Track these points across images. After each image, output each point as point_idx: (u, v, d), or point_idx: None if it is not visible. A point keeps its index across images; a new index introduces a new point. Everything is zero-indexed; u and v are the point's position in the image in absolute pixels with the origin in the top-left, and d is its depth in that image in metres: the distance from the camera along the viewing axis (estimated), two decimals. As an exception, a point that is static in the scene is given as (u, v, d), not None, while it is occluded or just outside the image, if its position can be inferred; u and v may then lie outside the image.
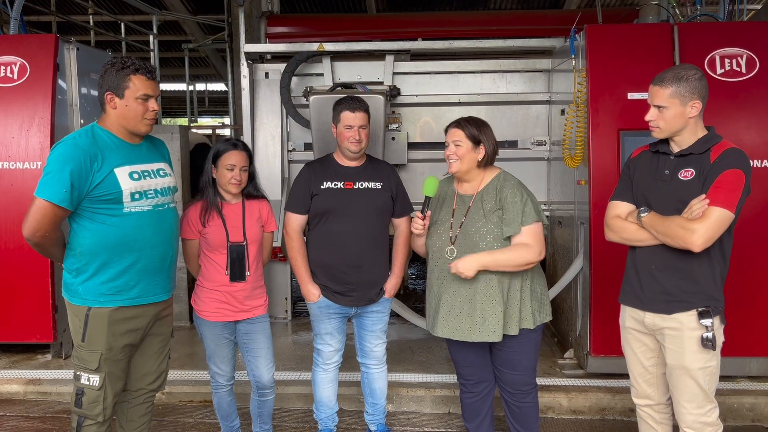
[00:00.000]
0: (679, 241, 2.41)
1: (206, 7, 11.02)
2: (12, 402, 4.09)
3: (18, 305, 4.36)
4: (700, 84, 2.47)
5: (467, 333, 2.78)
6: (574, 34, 4.20)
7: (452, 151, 2.84)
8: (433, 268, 2.90)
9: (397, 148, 5.18)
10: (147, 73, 2.55)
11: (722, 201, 2.37)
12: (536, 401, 2.99)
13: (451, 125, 2.90)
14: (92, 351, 2.56)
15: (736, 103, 3.90)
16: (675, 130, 2.52)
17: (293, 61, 5.08)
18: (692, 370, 2.50)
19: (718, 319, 2.51)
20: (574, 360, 4.39)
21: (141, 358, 2.77)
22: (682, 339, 2.50)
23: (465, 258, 2.72)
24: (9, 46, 4.38)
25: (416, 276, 7.87)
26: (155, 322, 2.75)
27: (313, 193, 3.18)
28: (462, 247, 2.79)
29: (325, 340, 3.29)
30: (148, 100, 2.56)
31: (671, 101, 2.48)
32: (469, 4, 10.27)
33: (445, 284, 2.82)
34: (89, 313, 2.55)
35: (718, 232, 2.39)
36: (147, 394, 2.84)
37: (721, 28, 4.10)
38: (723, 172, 2.40)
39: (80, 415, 2.61)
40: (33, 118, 4.32)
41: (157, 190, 2.65)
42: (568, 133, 4.24)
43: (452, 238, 2.82)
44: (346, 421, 3.78)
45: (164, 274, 2.72)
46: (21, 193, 4.28)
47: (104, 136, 2.57)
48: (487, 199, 2.82)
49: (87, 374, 2.58)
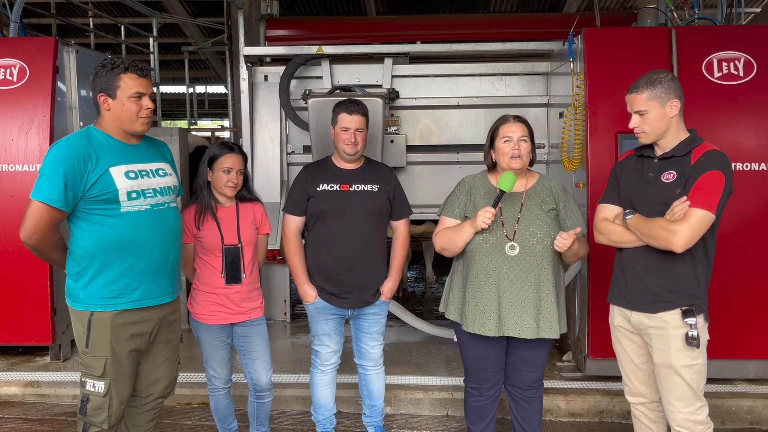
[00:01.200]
0: (662, 242, 2.47)
1: (206, 9, 11.05)
2: (10, 404, 4.09)
3: (17, 308, 4.36)
4: (673, 84, 2.55)
5: (534, 330, 2.76)
6: (572, 38, 4.21)
7: (519, 147, 2.78)
8: (487, 269, 2.79)
9: (395, 151, 5.18)
10: (137, 71, 2.53)
11: (703, 202, 2.42)
12: (541, 394, 3.04)
13: (511, 120, 2.85)
14: (96, 357, 2.53)
15: (733, 106, 3.91)
16: (660, 132, 2.58)
17: (292, 64, 5.10)
18: (678, 368, 2.54)
19: (702, 318, 2.56)
20: (573, 362, 4.40)
21: (151, 365, 2.75)
22: (668, 338, 2.56)
23: (564, 234, 2.69)
24: (8, 48, 4.39)
25: (416, 279, 7.87)
26: (162, 328, 2.71)
27: (310, 195, 3.19)
28: (521, 242, 2.75)
29: (323, 342, 3.30)
30: (142, 97, 2.53)
31: (650, 104, 2.54)
32: (469, 6, 10.29)
33: (506, 283, 2.75)
34: (92, 318, 2.53)
35: (699, 232, 2.44)
36: (156, 400, 2.83)
37: (718, 32, 4.12)
38: (703, 174, 2.46)
39: (85, 422, 2.58)
40: (32, 121, 4.32)
41: (156, 189, 2.63)
42: (566, 136, 4.25)
43: (511, 235, 2.77)
44: (345, 424, 3.79)
45: (167, 275, 2.68)
46: (20, 195, 4.28)
47: (99, 137, 2.55)
48: (543, 200, 2.83)
49: (92, 380, 2.55)
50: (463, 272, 2.90)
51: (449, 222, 2.92)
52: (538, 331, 2.76)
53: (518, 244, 2.75)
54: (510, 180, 2.71)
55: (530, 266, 2.75)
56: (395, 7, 10.49)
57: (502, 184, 2.72)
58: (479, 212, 2.72)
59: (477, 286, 2.81)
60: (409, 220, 3.38)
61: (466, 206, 2.90)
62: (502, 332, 2.77)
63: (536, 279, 2.75)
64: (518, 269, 2.75)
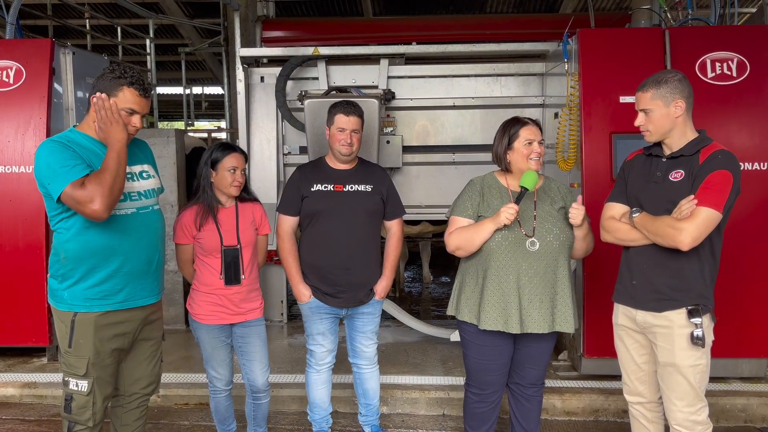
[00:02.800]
0: (669, 240, 2.48)
1: (203, 10, 11.05)
2: (8, 405, 4.10)
3: (13, 309, 4.36)
4: (680, 85, 2.55)
5: (550, 325, 2.79)
6: (567, 39, 4.23)
7: (538, 150, 2.84)
8: (505, 264, 2.79)
9: (392, 152, 5.20)
10: (140, 89, 2.51)
11: (710, 201, 2.44)
12: (542, 398, 3.07)
13: (530, 123, 2.88)
14: (79, 357, 2.54)
15: (727, 106, 3.94)
16: (665, 132, 2.59)
17: (288, 65, 5.11)
18: (683, 368, 2.54)
19: (708, 317, 2.57)
20: (568, 361, 4.42)
21: (132, 363, 2.76)
22: (673, 337, 2.56)
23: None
24: (5, 50, 4.39)
25: (413, 279, 7.89)
26: (144, 327, 2.72)
27: (304, 195, 3.21)
28: (540, 239, 2.80)
29: (317, 341, 3.31)
30: (133, 114, 2.52)
31: (654, 103, 2.56)
32: (466, 7, 10.31)
33: (525, 279, 2.78)
34: (75, 319, 2.53)
35: (705, 231, 2.45)
36: (141, 399, 2.83)
37: (711, 32, 4.14)
38: (711, 173, 2.47)
39: (70, 421, 2.59)
40: (29, 123, 4.33)
41: (140, 192, 2.63)
42: (561, 136, 4.27)
43: (530, 232, 2.80)
44: (341, 423, 3.80)
45: (151, 278, 2.69)
46: (16, 197, 4.29)
47: (82, 140, 2.52)
48: (554, 199, 2.90)
49: (75, 380, 2.56)
50: (476, 272, 2.88)
51: (462, 221, 2.90)
52: (554, 325, 2.80)
53: (537, 240, 2.80)
54: (534, 178, 2.77)
55: (548, 262, 2.80)
56: (392, 8, 10.51)
57: (526, 182, 2.76)
58: (503, 208, 2.74)
59: (497, 283, 2.80)
60: (402, 220, 3.40)
61: (479, 206, 2.90)
62: (523, 329, 2.79)
63: (553, 275, 2.80)
64: (537, 265, 2.79)
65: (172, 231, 3.12)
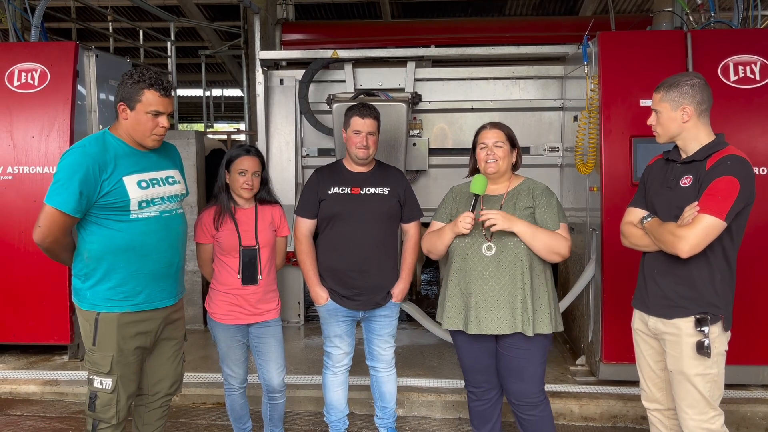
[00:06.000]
0: (669, 246, 2.47)
1: (223, 14, 11.16)
2: (30, 402, 4.16)
3: (36, 307, 4.44)
4: (692, 90, 2.50)
5: (511, 326, 2.78)
6: (587, 41, 4.20)
7: (493, 152, 2.86)
8: (464, 267, 2.87)
9: (417, 154, 5.20)
10: (161, 90, 2.55)
11: (712, 208, 2.39)
12: (546, 413, 2.92)
13: (488, 127, 2.93)
14: (104, 355, 2.59)
15: (749, 110, 3.88)
16: (672, 135, 2.58)
17: (309, 71, 5.12)
18: (691, 376, 2.51)
19: (718, 327, 2.51)
20: (586, 367, 4.38)
21: (156, 363, 2.80)
22: (681, 345, 2.53)
23: (503, 213, 2.76)
24: (30, 53, 4.47)
25: (429, 281, 7.88)
26: (166, 326, 2.77)
27: (321, 198, 3.22)
28: (498, 242, 2.81)
29: (335, 343, 3.32)
30: (159, 116, 2.57)
31: (662, 105, 2.56)
32: (485, 9, 10.28)
33: (479, 282, 2.81)
34: (98, 318, 2.59)
35: (705, 239, 2.41)
36: (163, 398, 2.87)
37: (734, 35, 4.09)
38: (716, 179, 2.42)
39: (94, 419, 2.63)
40: (53, 124, 4.40)
41: (164, 197, 2.68)
42: (580, 139, 4.24)
43: (488, 236, 2.82)
44: (357, 425, 3.81)
45: (171, 279, 2.74)
46: (40, 197, 4.33)
47: (115, 143, 2.60)
48: (520, 199, 2.88)
49: (99, 377, 2.60)
50: (445, 275, 2.98)
51: (437, 226, 3.03)
52: (521, 326, 2.78)
53: (495, 244, 2.81)
54: (480, 183, 2.80)
55: (506, 265, 2.80)
56: (411, 10, 10.52)
57: (475, 187, 2.81)
58: (459, 217, 2.81)
59: (456, 285, 2.90)
60: (420, 222, 3.40)
61: (455, 211, 2.98)
62: (481, 330, 2.81)
63: (511, 277, 2.80)
64: (493, 268, 2.81)
65: (193, 231, 3.16)
